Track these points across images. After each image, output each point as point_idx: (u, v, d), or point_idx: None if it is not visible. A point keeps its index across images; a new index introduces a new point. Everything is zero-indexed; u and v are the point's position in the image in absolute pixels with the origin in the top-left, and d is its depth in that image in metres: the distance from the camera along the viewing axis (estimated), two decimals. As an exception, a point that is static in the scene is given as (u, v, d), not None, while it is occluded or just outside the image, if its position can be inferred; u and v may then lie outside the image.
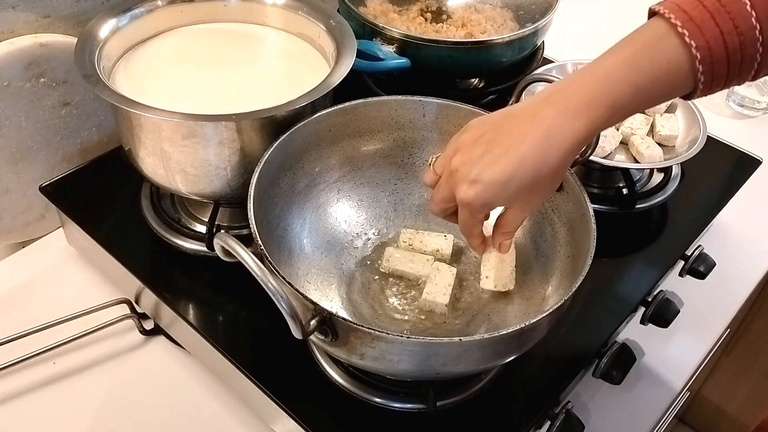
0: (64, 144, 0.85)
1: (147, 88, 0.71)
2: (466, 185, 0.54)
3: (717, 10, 0.48)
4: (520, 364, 0.66)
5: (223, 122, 0.63)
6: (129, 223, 0.77)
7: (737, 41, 0.48)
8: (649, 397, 0.76)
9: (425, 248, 0.70)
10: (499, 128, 0.54)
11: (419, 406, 0.63)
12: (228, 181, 0.68)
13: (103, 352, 0.74)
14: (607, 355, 0.71)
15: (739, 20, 0.48)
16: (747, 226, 0.96)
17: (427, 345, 0.52)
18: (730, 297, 0.88)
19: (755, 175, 0.91)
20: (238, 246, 0.50)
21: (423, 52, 0.88)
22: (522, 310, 0.66)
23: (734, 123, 1.13)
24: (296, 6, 0.79)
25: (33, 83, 0.78)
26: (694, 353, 0.82)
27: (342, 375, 0.64)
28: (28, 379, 0.71)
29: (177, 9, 0.78)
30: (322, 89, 0.67)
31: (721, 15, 0.48)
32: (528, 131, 0.52)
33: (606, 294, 0.75)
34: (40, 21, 0.79)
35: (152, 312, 0.75)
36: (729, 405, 1.53)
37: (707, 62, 0.49)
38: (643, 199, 0.85)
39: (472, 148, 0.54)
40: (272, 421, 0.67)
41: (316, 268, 0.69)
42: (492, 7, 1.02)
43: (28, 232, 0.86)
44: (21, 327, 0.71)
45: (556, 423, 0.65)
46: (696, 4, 0.49)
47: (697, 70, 0.50)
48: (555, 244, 0.66)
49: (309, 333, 0.51)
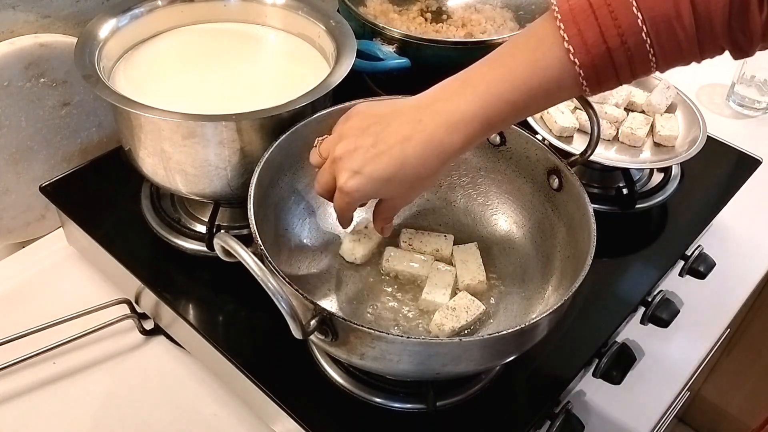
0: (64, 144, 0.85)
1: (147, 88, 0.71)
2: (347, 175, 0.56)
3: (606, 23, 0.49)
4: (520, 364, 0.66)
5: (223, 122, 0.63)
6: (129, 223, 0.77)
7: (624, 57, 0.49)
8: (649, 397, 0.76)
9: (425, 248, 0.70)
10: (386, 123, 0.56)
11: (419, 406, 0.63)
12: (228, 181, 0.68)
13: (103, 352, 0.74)
14: (607, 355, 0.71)
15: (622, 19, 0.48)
16: (747, 226, 0.96)
17: (427, 345, 0.52)
18: (730, 297, 0.88)
19: (755, 175, 0.91)
20: (238, 246, 0.50)
21: (423, 52, 0.88)
22: (522, 310, 0.66)
23: (734, 123, 1.13)
24: (296, 6, 0.79)
25: (33, 83, 0.78)
26: (694, 353, 0.82)
27: (342, 375, 0.64)
28: (28, 379, 0.71)
29: (177, 9, 0.78)
30: (322, 89, 0.67)
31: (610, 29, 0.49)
32: (412, 135, 0.54)
33: (606, 294, 0.75)
34: (40, 21, 0.79)
35: (152, 312, 0.75)
36: (729, 405, 1.53)
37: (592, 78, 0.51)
38: (643, 199, 0.85)
39: (358, 138, 0.56)
40: (272, 421, 0.67)
41: (316, 269, 0.69)
42: (492, 7, 1.02)
43: (28, 232, 0.86)
44: (21, 327, 0.71)
45: (556, 423, 0.65)
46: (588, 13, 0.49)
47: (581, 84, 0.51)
48: (555, 244, 0.66)
49: (309, 333, 0.51)
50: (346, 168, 0.56)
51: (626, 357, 0.72)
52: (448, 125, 0.54)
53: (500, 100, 0.53)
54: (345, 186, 0.56)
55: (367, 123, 0.57)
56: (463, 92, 0.54)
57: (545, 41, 0.52)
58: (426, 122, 0.54)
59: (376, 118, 0.57)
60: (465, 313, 0.63)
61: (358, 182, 0.55)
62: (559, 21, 0.50)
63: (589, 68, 0.50)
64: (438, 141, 0.54)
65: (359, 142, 0.56)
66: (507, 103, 0.53)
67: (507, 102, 0.53)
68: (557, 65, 0.51)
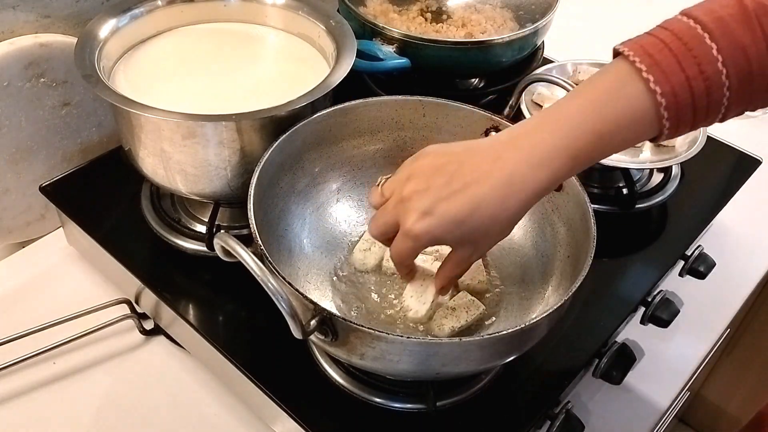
0: (64, 144, 0.85)
1: (147, 88, 0.71)
2: (416, 216, 0.51)
3: (683, 54, 0.47)
4: (520, 364, 0.66)
5: (223, 122, 0.63)
6: (129, 223, 0.77)
7: (703, 86, 0.47)
8: (649, 397, 0.76)
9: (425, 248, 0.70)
10: (461, 162, 0.52)
11: (419, 406, 0.63)
12: (228, 181, 0.68)
13: (103, 352, 0.74)
14: (607, 355, 0.71)
15: (706, 65, 0.47)
16: (747, 226, 0.96)
17: (427, 345, 0.52)
18: (730, 297, 0.88)
19: (755, 175, 0.91)
20: (238, 246, 0.50)
21: (423, 52, 0.88)
22: (522, 310, 0.66)
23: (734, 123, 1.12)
24: (296, 6, 0.79)
25: (33, 83, 0.78)
26: (694, 353, 0.82)
27: (342, 375, 0.64)
28: (28, 379, 0.71)
29: (177, 9, 0.78)
30: (322, 89, 0.67)
31: (687, 59, 0.47)
32: (491, 172, 0.50)
33: (606, 294, 0.75)
34: (40, 21, 0.79)
35: (152, 312, 0.75)
36: (729, 405, 1.53)
37: (672, 108, 0.48)
38: (643, 199, 0.85)
39: (430, 178, 0.52)
40: (272, 421, 0.67)
41: (316, 268, 0.69)
42: (492, 7, 1.02)
43: (28, 232, 0.86)
44: (21, 327, 0.71)
45: (556, 423, 0.65)
46: (662, 47, 0.48)
47: (662, 117, 0.48)
48: (555, 244, 0.66)
49: (309, 333, 0.51)
50: (415, 208, 0.51)
51: (626, 357, 0.72)
52: (530, 160, 0.50)
53: (585, 131, 0.49)
54: (413, 228, 0.51)
55: (441, 162, 0.52)
56: (544, 126, 0.51)
57: (622, 74, 0.49)
58: (506, 159, 0.50)
59: (450, 157, 0.52)
60: (465, 313, 0.63)
61: (428, 224, 0.51)
62: (633, 56, 0.48)
63: (669, 95, 0.48)
64: (520, 178, 0.50)
65: (431, 182, 0.51)
66: (592, 133, 0.49)
67: (592, 132, 0.49)
68: (638, 95, 0.48)
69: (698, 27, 0.47)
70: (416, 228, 0.51)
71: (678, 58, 0.47)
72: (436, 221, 0.51)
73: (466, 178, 0.51)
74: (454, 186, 0.51)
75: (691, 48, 0.47)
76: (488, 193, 0.50)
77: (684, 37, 0.48)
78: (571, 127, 0.50)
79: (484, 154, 0.51)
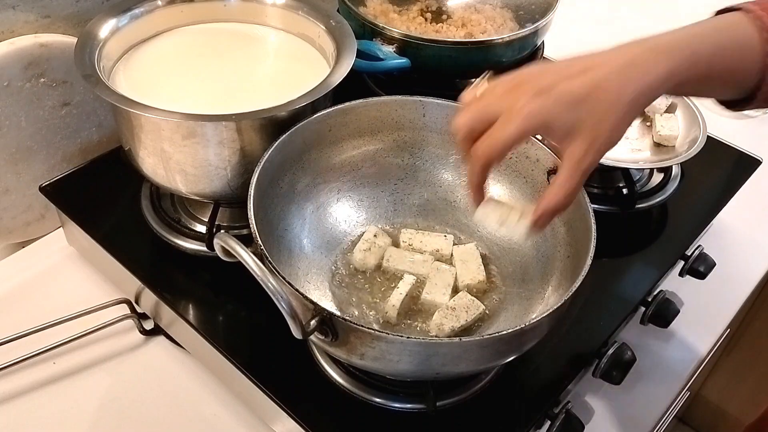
0: (64, 144, 0.85)
1: (147, 88, 0.71)
2: (531, 95, 0.46)
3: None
4: (520, 364, 0.66)
5: (223, 122, 0.63)
6: (129, 223, 0.77)
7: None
8: (649, 397, 0.76)
9: (425, 248, 0.70)
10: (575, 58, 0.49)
11: (419, 406, 0.63)
12: (228, 181, 0.68)
13: (103, 352, 0.74)
14: (607, 355, 0.71)
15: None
16: (747, 226, 0.96)
17: (427, 345, 0.52)
18: (730, 297, 0.88)
19: (755, 175, 0.91)
20: (238, 246, 0.50)
21: (423, 52, 0.88)
22: (522, 310, 0.66)
23: (734, 123, 1.13)
24: (296, 6, 0.79)
25: (33, 83, 0.78)
26: (694, 353, 0.82)
27: (342, 375, 0.64)
28: (28, 379, 0.71)
29: (177, 9, 0.78)
30: (322, 89, 0.67)
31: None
32: (612, 57, 0.48)
33: (606, 294, 0.75)
34: (40, 21, 0.79)
35: (152, 312, 0.75)
36: (729, 405, 1.53)
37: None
38: (643, 199, 0.85)
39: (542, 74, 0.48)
40: (272, 421, 0.67)
41: (316, 268, 0.69)
42: (492, 7, 1.02)
43: (28, 232, 0.86)
44: (21, 327, 0.71)
45: (556, 423, 0.65)
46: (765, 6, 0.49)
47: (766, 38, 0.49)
48: (555, 244, 0.66)
49: (309, 333, 0.51)
50: (529, 89, 0.47)
51: (626, 357, 0.72)
52: (655, 48, 0.48)
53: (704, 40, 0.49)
54: (525, 106, 0.46)
55: (550, 65, 0.50)
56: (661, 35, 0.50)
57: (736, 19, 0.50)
58: (626, 49, 0.48)
59: (558, 62, 0.50)
60: (465, 313, 0.63)
61: (543, 101, 0.46)
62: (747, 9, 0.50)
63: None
64: (642, 62, 0.48)
65: (548, 70, 0.48)
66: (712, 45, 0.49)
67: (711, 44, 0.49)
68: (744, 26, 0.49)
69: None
70: (530, 106, 0.46)
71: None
72: (552, 99, 0.46)
73: (585, 63, 0.48)
74: (573, 70, 0.48)
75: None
76: (609, 74, 0.47)
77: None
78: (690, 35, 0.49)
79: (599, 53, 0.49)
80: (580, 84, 0.46)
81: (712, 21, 0.51)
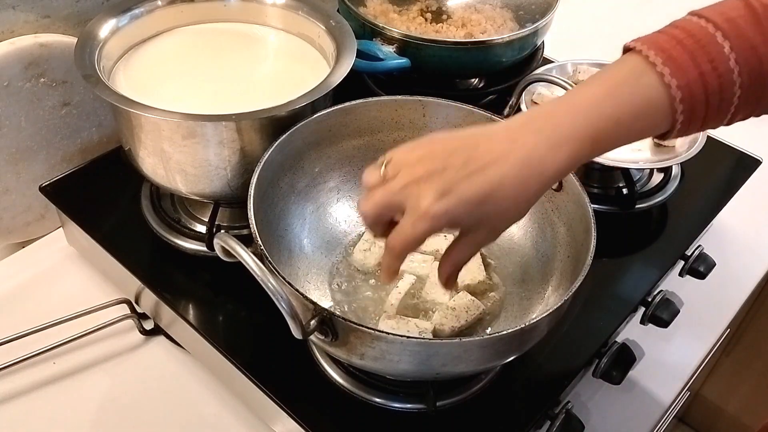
0: (64, 144, 0.85)
1: (147, 88, 0.71)
2: (433, 196, 0.48)
3: (696, 51, 0.47)
4: (520, 364, 0.66)
5: (223, 122, 0.63)
6: (129, 223, 0.77)
7: (716, 83, 0.47)
8: (649, 397, 0.76)
9: (425, 248, 0.70)
10: (476, 144, 0.50)
11: (419, 406, 0.63)
12: (228, 181, 0.68)
13: (103, 352, 0.74)
14: (607, 355, 0.71)
15: (718, 62, 0.47)
16: (747, 226, 0.96)
17: (427, 345, 0.52)
18: (730, 297, 0.88)
19: (755, 175, 0.91)
20: (238, 246, 0.50)
21: (423, 52, 0.88)
22: (522, 310, 0.66)
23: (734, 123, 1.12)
24: (296, 6, 0.79)
25: (33, 83, 0.78)
26: (694, 353, 0.82)
27: (342, 375, 0.64)
28: (28, 379, 0.71)
29: (177, 9, 0.78)
30: (322, 89, 0.67)
31: (701, 56, 0.47)
32: (510, 153, 0.49)
33: (606, 294, 0.75)
34: (40, 21, 0.79)
35: (152, 312, 0.75)
36: (729, 405, 1.53)
37: (687, 102, 0.48)
38: (643, 199, 0.85)
39: (447, 159, 0.49)
40: (272, 421, 0.67)
41: (316, 268, 0.69)
42: (492, 7, 1.02)
43: (28, 232, 0.86)
44: (21, 327, 0.71)
45: (556, 423, 0.65)
46: (675, 43, 0.48)
47: (675, 111, 0.48)
48: (555, 244, 0.66)
49: (309, 333, 0.51)
50: (432, 188, 0.48)
51: (626, 357, 0.72)
52: (550, 142, 0.48)
53: (603, 115, 0.48)
54: (430, 209, 0.48)
55: (455, 144, 0.50)
56: (561, 109, 0.50)
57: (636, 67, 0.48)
58: (524, 140, 0.49)
59: (464, 140, 0.51)
60: (465, 313, 0.63)
61: (447, 204, 0.48)
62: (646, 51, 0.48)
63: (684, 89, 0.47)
64: (539, 159, 0.48)
65: (448, 162, 0.49)
66: (611, 118, 0.48)
67: (611, 117, 0.48)
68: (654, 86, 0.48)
69: (710, 26, 0.48)
70: (434, 208, 0.48)
71: (691, 54, 0.47)
72: (455, 201, 0.48)
73: (484, 159, 0.49)
74: (471, 167, 0.49)
75: (703, 45, 0.47)
76: (508, 173, 0.48)
77: (696, 35, 0.48)
78: (589, 110, 0.49)
79: (501, 136, 0.50)
80: (480, 185, 0.48)
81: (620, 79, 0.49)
